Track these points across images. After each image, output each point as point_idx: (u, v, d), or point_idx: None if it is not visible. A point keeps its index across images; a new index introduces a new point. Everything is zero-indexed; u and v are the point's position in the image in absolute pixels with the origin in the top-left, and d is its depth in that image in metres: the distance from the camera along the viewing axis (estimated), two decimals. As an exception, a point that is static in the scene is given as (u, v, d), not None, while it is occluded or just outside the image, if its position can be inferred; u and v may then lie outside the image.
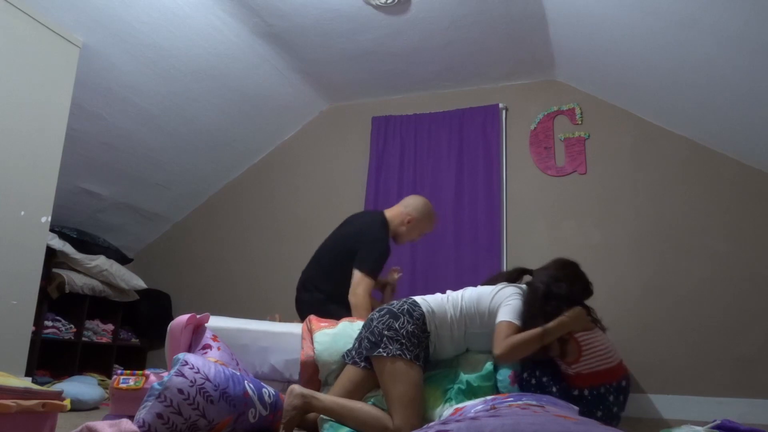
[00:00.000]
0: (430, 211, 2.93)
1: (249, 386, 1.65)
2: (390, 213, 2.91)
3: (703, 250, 3.34)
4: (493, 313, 2.07)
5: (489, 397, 1.74)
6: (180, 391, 1.44)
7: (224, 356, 2.01)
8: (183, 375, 1.46)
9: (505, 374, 2.06)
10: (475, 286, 2.64)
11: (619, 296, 3.43)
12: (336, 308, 2.75)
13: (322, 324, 2.39)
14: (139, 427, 1.39)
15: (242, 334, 2.47)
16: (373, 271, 2.71)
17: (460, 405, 1.73)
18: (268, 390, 1.82)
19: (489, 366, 2.08)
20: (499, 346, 1.95)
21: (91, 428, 1.27)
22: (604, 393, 1.95)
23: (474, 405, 1.60)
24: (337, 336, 2.29)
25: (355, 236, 2.80)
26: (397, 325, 1.99)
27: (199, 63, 3.51)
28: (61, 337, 3.60)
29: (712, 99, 3.02)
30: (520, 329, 1.98)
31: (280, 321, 3.08)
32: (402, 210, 2.89)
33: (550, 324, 1.96)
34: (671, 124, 3.52)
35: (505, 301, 2.07)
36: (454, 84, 4.08)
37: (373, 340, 1.99)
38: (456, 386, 2.03)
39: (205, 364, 1.54)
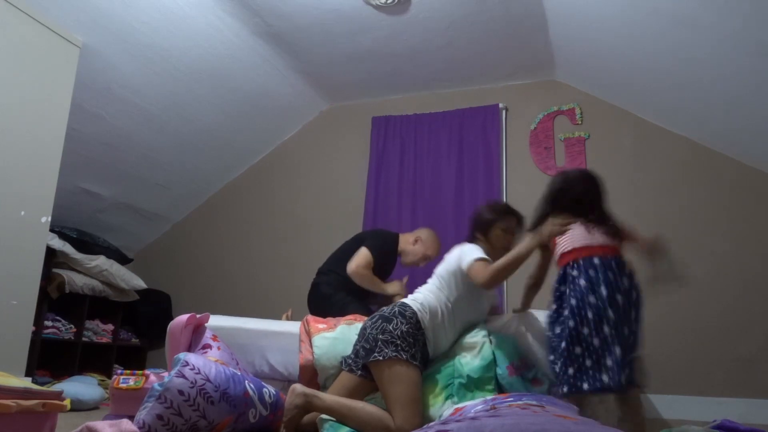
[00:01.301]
0: (437, 238, 3.22)
1: (249, 386, 1.65)
2: (401, 235, 3.22)
3: (703, 250, 3.34)
4: (463, 268, 2.14)
5: (489, 397, 1.74)
6: (180, 392, 1.44)
7: (224, 356, 2.01)
8: (183, 376, 1.46)
9: (503, 365, 2.07)
10: None
11: (619, 296, 3.42)
12: (342, 297, 2.87)
13: (320, 326, 2.38)
14: (140, 428, 1.39)
15: (241, 333, 2.47)
16: (375, 249, 2.96)
17: (461, 405, 1.73)
18: (269, 390, 1.82)
19: (488, 352, 2.10)
20: (481, 276, 2.04)
21: (92, 428, 1.27)
22: (584, 265, 1.98)
23: (474, 405, 1.60)
24: (336, 340, 2.29)
25: (366, 234, 3.21)
26: (390, 327, 2.01)
27: (199, 63, 3.51)
28: (61, 337, 3.59)
29: (712, 99, 3.02)
30: (489, 262, 2.10)
31: (290, 317, 3.13)
32: (410, 235, 3.20)
33: (522, 245, 2.08)
34: (671, 124, 3.52)
35: (467, 252, 2.16)
36: (454, 84, 4.08)
37: (368, 347, 2.00)
38: (456, 381, 2.03)
39: (206, 364, 1.54)
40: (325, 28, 3.41)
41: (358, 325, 2.30)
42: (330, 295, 2.91)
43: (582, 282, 1.95)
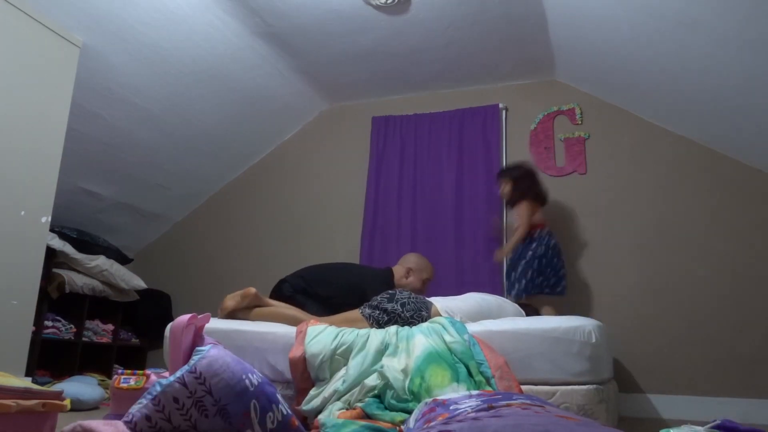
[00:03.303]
0: (425, 260, 3.25)
1: (254, 406, 1.56)
2: (394, 269, 3.20)
3: (703, 249, 3.34)
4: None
5: (475, 392, 1.73)
6: (175, 399, 1.41)
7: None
8: (185, 384, 1.42)
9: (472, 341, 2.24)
10: (476, 285, 2.85)
11: (619, 296, 3.43)
12: (306, 300, 2.88)
13: (318, 323, 2.45)
14: (128, 421, 1.37)
15: (239, 336, 2.47)
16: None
17: (444, 397, 1.71)
18: (279, 413, 1.64)
19: (459, 333, 2.23)
20: None
21: (85, 427, 1.26)
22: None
23: (461, 398, 1.58)
24: (326, 330, 2.37)
25: (365, 282, 3.01)
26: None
27: (199, 63, 3.51)
28: (61, 337, 3.59)
29: (712, 99, 3.02)
30: None
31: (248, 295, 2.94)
32: (400, 267, 3.20)
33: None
34: (671, 124, 3.52)
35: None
36: (454, 84, 4.08)
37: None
38: (461, 371, 2.06)
39: (216, 374, 1.46)
40: (325, 28, 3.41)
41: (351, 329, 2.40)
42: (291, 296, 2.94)
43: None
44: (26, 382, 1.46)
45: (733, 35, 2.47)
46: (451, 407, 1.42)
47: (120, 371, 1.88)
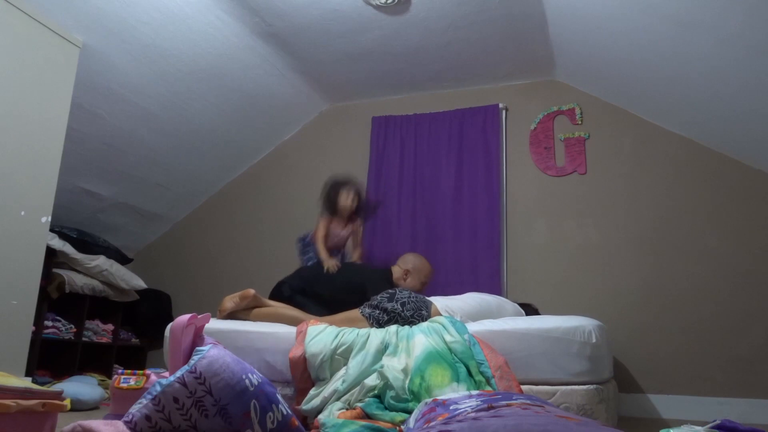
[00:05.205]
0: (424, 261, 3.24)
1: (254, 406, 1.56)
2: (393, 268, 3.20)
3: (703, 249, 3.34)
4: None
5: (475, 392, 1.73)
6: (175, 399, 1.41)
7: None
8: (185, 384, 1.41)
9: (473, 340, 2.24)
10: (476, 285, 2.89)
11: (618, 296, 3.43)
12: (305, 300, 2.89)
13: (318, 323, 2.46)
14: (128, 421, 1.37)
15: (239, 336, 2.47)
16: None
17: (444, 397, 1.71)
18: (279, 413, 1.64)
19: (459, 332, 2.24)
20: None
21: (85, 427, 1.25)
22: None
23: (461, 399, 1.58)
24: (326, 330, 2.38)
25: (365, 281, 3.04)
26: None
27: (199, 63, 3.51)
28: (61, 337, 3.59)
29: (713, 99, 3.02)
30: None
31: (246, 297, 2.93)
32: (398, 268, 3.18)
33: None
34: (671, 124, 3.52)
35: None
36: (454, 84, 4.08)
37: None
38: (461, 370, 2.06)
39: (216, 374, 1.46)
40: (325, 28, 3.41)
41: (351, 329, 2.41)
42: (290, 297, 2.95)
43: None
44: (26, 382, 1.46)
45: (733, 35, 2.47)
46: (451, 407, 1.42)
47: (120, 371, 1.88)
